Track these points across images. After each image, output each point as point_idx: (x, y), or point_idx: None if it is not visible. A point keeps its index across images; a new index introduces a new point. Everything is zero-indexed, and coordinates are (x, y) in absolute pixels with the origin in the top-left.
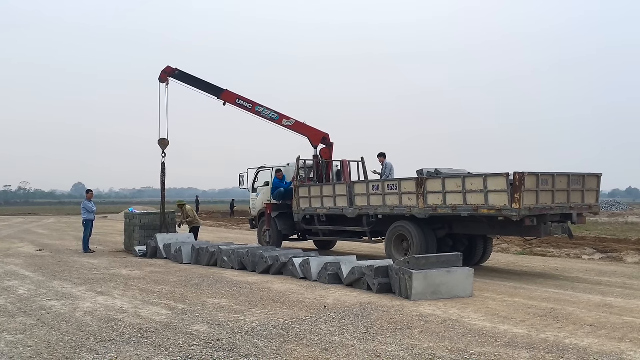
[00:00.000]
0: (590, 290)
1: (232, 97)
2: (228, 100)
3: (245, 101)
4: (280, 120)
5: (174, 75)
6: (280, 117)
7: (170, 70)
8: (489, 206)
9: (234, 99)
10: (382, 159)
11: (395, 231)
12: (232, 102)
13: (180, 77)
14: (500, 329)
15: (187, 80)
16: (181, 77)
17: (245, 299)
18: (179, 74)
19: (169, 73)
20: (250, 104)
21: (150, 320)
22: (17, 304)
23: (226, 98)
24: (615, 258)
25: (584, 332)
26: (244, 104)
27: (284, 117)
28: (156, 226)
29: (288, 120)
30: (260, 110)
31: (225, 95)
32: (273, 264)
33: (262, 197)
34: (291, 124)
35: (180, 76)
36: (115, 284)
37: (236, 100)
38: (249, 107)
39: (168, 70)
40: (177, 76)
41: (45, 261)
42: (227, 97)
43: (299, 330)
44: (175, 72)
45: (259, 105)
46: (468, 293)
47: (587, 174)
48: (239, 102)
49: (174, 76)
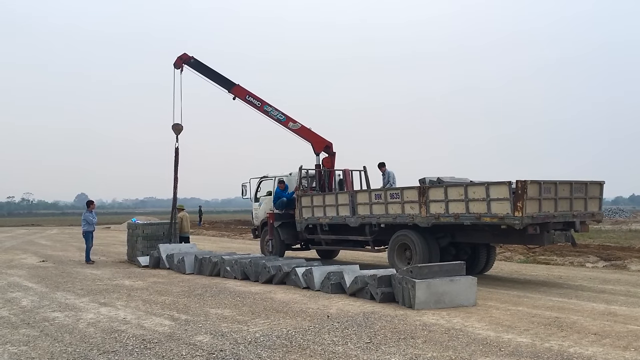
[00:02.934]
0: (594, 298)
1: (243, 93)
2: (238, 95)
3: (255, 98)
4: (286, 122)
5: (190, 63)
6: (287, 120)
7: (187, 58)
8: (491, 214)
9: (244, 94)
10: (383, 168)
11: (398, 240)
12: (242, 97)
13: (196, 65)
14: (504, 338)
15: (201, 69)
16: (196, 65)
17: (248, 309)
18: (195, 62)
19: (185, 60)
20: (260, 102)
21: (153, 331)
22: (20, 316)
23: (237, 93)
24: (619, 266)
25: (588, 341)
26: (253, 101)
27: (291, 119)
28: (159, 236)
29: (294, 123)
30: (268, 109)
31: (237, 89)
32: (276, 273)
33: (265, 206)
34: (297, 127)
35: (195, 65)
36: (118, 294)
37: (246, 97)
38: (258, 105)
39: (184, 57)
40: (192, 64)
41: (49, 272)
42: (238, 92)
43: (302, 340)
44: (191, 60)
45: (268, 105)
46: (471, 302)
47: (589, 181)
48: (248, 99)
49: (189, 64)
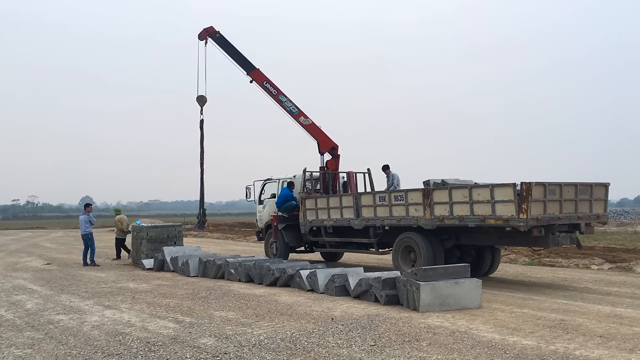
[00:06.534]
0: (599, 300)
1: (261, 78)
2: (256, 80)
3: (272, 86)
4: (298, 115)
5: (214, 38)
6: (299, 113)
7: (213, 31)
8: (496, 216)
9: (262, 80)
10: (387, 171)
11: (402, 242)
12: (259, 82)
13: (220, 41)
14: (509, 341)
15: (224, 46)
16: (220, 41)
17: (252, 312)
18: (219, 38)
19: (211, 33)
20: (276, 91)
21: (157, 333)
22: (25, 318)
23: (255, 77)
24: (625, 268)
25: (594, 343)
26: (269, 89)
27: (303, 114)
28: (163, 239)
29: (306, 118)
30: (282, 99)
31: (256, 74)
32: (280, 276)
33: (269, 209)
34: (308, 123)
35: (219, 40)
36: (123, 297)
37: (263, 82)
38: (274, 93)
39: (210, 30)
40: (217, 39)
41: (53, 275)
42: (257, 76)
43: (307, 342)
44: (216, 34)
45: (283, 95)
46: (476, 304)
47: (594, 183)
48: (265, 85)
49: (214, 38)
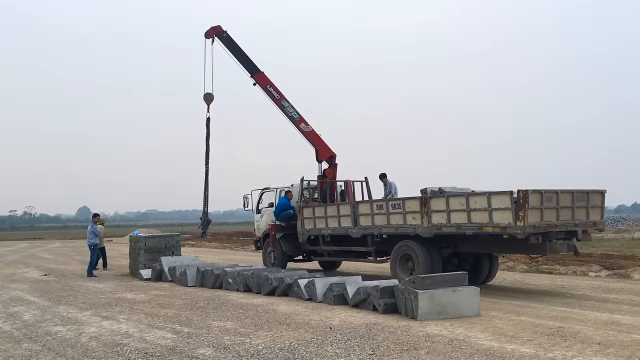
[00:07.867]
0: (597, 307)
1: (265, 82)
2: (260, 83)
3: (275, 90)
4: (299, 122)
5: (221, 37)
6: (300, 120)
7: (220, 30)
8: (493, 224)
9: (266, 83)
10: (384, 179)
11: (400, 251)
12: (263, 85)
13: (226, 40)
14: (507, 349)
15: (230, 46)
16: (227, 41)
17: (250, 322)
18: (226, 37)
19: (217, 32)
20: (279, 95)
21: (155, 344)
22: (22, 330)
23: (259, 80)
24: (622, 275)
25: (592, 351)
26: (272, 92)
27: (304, 120)
28: (161, 249)
29: (306, 125)
30: (285, 105)
31: (260, 77)
32: (278, 285)
33: (267, 218)
34: (308, 130)
35: (226, 40)
36: (121, 308)
37: (267, 86)
38: (277, 97)
39: (218, 29)
40: (224, 38)
41: (51, 286)
42: (261, 79)
43: (305, 352)
44: (223, 34)
45: (286, 100)
46: (474, 312)
47: (591, 190)
48: (268, 89)
49: (221, 37)
